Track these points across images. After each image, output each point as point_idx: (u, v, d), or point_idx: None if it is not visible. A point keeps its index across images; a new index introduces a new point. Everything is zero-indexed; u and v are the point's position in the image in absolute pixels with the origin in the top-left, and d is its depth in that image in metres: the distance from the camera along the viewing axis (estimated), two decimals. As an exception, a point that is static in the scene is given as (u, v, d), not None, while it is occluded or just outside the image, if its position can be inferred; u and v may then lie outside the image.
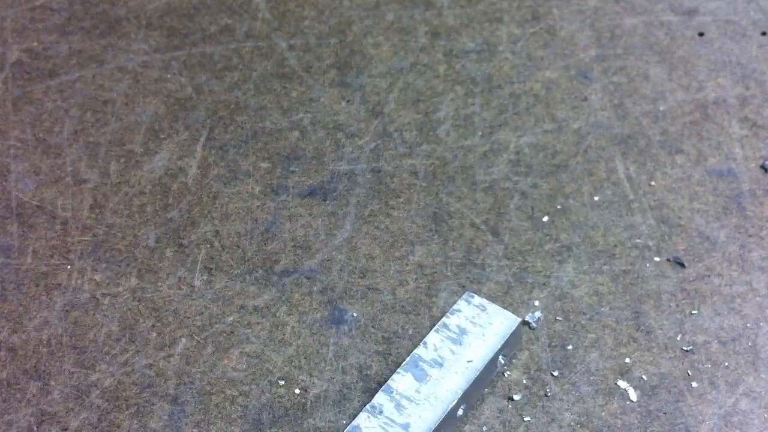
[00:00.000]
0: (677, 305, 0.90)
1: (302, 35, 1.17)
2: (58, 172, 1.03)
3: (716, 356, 0.86)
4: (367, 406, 0.63)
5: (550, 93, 1.10)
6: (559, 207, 0.98)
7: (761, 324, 0.88)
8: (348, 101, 1.10)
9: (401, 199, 1.00)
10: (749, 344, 0.87)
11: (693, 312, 0.90)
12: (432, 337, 0.57)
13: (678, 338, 0.88)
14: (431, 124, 1.07)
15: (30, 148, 1.06)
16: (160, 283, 0.93)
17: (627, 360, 0.86)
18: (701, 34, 1.16)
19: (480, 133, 1.06)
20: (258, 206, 1.00)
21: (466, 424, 0.77)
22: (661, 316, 0.89)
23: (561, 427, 0.81)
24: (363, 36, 1.17)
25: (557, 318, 0.89)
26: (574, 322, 0.89)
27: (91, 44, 1.16)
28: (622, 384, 0.84)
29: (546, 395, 0.83)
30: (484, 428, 0.80)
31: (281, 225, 0.98)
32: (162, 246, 0.96)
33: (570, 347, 0.87)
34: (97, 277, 0.94)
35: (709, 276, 0.92)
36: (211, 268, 0.94)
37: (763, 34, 1.16)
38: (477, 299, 0.60)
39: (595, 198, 0.99)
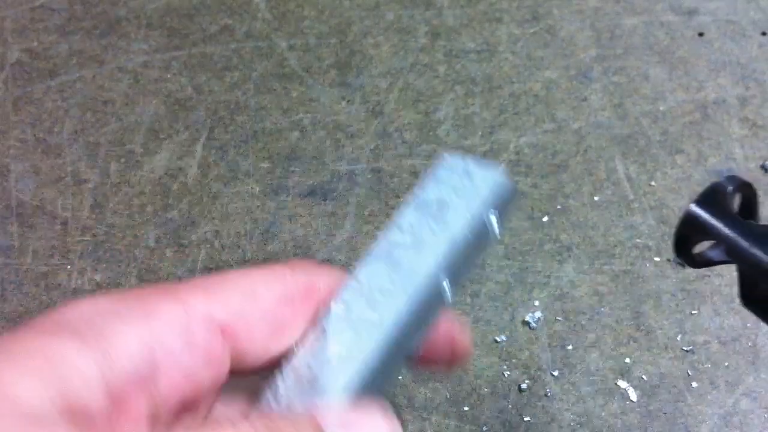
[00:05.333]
0: (677, 305, 0.90)
1: (302, 35, 1.17)
2: (58, 172, 1.03)
3: (716, 356, 0.86)
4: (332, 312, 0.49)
5: (550, 93, 1.10)
6: (559, 207, 0.98)
7: (761, 324, 0.88)
8: (348, 101, 1.10)
9: (401, 199, 1.00)
10: (749, 344, 0.87)
11: (693, 312, 0.90)
12: (406, 215, 0.46)
13: (678, 338, 0.88)
14: (431, 124, 1.07)
15: (30, 148, 1.06)
16: (160, 284, 0.93)
17: (627, 360, 0.86)
18: (701, 34, 1.16)
19: (480, 133, 1.06)
20: (258, 206, 1.00)
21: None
22: (661, 316, 0.89)
23: (561, 427, 0.81)
24: (363, 36, 1.17)
25: (557, 318, 0.89)
26: (574, 322, 0.89)
27: (91, 44, 1.16)
28: (622, 384, 0.84)
29: (546, 395, 0.83)
30: (484, 428, 0.80)
31: (281, 225, 0.98)
32: (162, 246, 0.96)
33: (570, 347, 0.87)
34: (97, 277, 0.94)
35: (709, 276, 0.92)
36: (211, 268, 0.94)
37: (763, 34, 1.16)
38: (458, 158, 0.47)
39: (595, 198, 0.99)
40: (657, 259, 0.94)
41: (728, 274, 0.92)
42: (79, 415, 0.28)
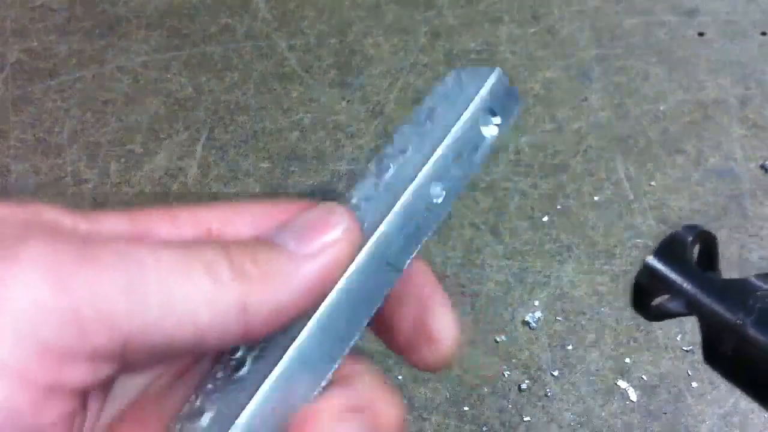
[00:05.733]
0: (677, 305, 0.90)
1: (302, 35, 1.17)
2: (58, 172, 1.03)
3: (716, 356, 0.86)
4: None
5: (550, 93, 1.10)
6: (559, 207, 0.98)
7: (761, 324, 0.88)
8: (348, 101, 1.10)
9: (401, 199, 1.00)
10: (749, 344, 0.87)
11: (693, 312, 0.90)
12: (398, 130, 0.42)
13: (678, 338, 0.88)
14: (431, 124, 1.07)
15: (30, 148, 1.06)
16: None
17: (627, 360, 0.86)
18: (701, 34, 1.16)
19: (480, 133, 1.06)
20: (258, 206, 1.00)
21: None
22: (661, 316, 0.89)
23: (561, 427, 0.81)
24: (363, 36, 1.17)
25: (557, 318, 0.89)
26: (574, 322, 0.89)
27: (91, 44, 1.16)
28: (622, 384, 0.84)
29: (546, 395, 0.83)
30: (484, 428, 0.80)
31: (281, 225, 0.98)
32: (162, 246, 0.96)
33: (570, 347, 0.87)
34: (97, 277, 0.94)
35: (709, 276, 0.92)
36: (211, 268, 0.94)
37: (763, 34, 1.16)
38: (455, 72, 0.41)
39: (595, 198, 0.99)
40: (657, 259, 0.94)
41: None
42: (49, 230, 0.28)
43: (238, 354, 0.34)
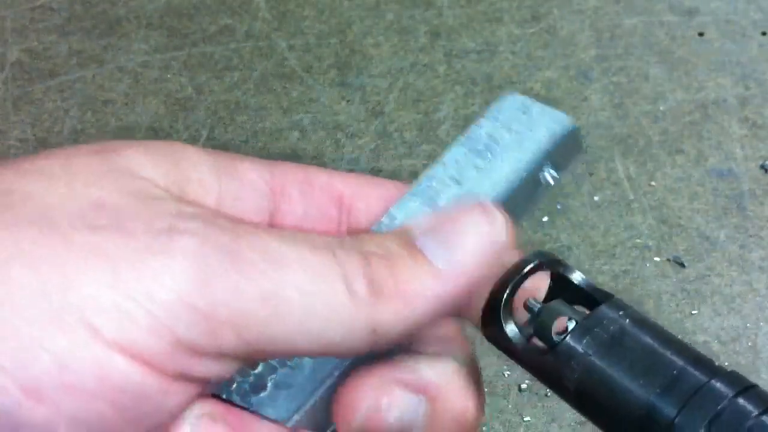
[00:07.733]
0: (677, 305, 0.90)
1: (302, 35, 1.17)
2: (58, 172, 1.03)
3: (716, 356, 0.86)
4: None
5: (550, 93, 1.10)
6: (559, 207, 0.98)
7: (761, 324, 0.88)
8: (348, 101, 1.10)
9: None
10: (749, 344, 0.87)
11: (693, 312, 0.90)
12: (453, 152, 0.40)
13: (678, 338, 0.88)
14: (431, 124, 1.07)
15: (30, 148, 1.06)
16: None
17: (627, 360, 0.86)
18: (701, 34, 1.16)
19: (480, 133, 1.06)
20: (258, 206, 1.00)
21: None
22: (661, 316, 0.89)
23: (561, 427, 0.81)
24: (363, 36, 1.17)
25: (557, 318, 0.89)
26: (574, 322, 0.89)
27: (91, 44, 1.16)
28: (622, 384, 0.84)
29: (546, 395, 0.83)
30: (484, 428, 0.80)
31: (281, 225, 0.98)
32: (162, 246, 0.96)
33: (570, 347, 0.87)
34: (97, 277, 0.94)
35: (709, 276, 0.92)
36: (211, 268, 0.94)
37: (763, 34, 1.16)
38: (519, 99, 0.38)
39: (595, 198, 0.99)
40: (657, 259, 0.94)
41: (728, 274, 0.92)
42: (200, 215, 0.28)
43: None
